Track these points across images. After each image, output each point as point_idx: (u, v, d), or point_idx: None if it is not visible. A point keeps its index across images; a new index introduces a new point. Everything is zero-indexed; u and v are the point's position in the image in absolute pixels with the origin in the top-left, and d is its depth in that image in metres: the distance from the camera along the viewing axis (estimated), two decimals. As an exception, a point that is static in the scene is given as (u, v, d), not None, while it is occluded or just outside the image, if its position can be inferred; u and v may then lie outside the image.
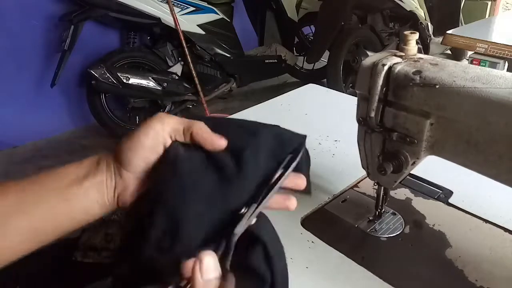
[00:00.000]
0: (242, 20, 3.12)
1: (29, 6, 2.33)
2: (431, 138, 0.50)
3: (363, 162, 0.61)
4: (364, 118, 0.54)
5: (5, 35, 2.31)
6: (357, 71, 0.53)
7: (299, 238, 0.62)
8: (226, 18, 2.70)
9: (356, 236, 0.63)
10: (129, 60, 2.42)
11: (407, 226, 0.64)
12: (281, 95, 1.17)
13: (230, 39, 2.72)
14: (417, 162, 0.53)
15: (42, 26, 2.41)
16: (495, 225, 0.63)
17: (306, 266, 0.57)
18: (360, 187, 0.74)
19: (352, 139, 0.60)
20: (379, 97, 0.51)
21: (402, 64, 0.50)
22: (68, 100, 2.67)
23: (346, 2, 2.74)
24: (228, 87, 2.75)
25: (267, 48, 3.05)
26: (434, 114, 0.48)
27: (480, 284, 0.53)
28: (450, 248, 0.59)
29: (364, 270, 0.56)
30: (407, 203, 0.69)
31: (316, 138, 0.90)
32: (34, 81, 2.50)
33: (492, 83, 0.44)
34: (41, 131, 2.59)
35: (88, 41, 2.47)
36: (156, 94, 2.44)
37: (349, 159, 0.80)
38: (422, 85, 0.47)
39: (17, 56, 2.39)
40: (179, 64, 2.55)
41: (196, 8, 2.54)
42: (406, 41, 0.51)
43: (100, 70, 2.24)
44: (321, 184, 0.74)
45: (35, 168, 2.29)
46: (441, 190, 0.72)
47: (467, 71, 0.46)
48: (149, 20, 2.36)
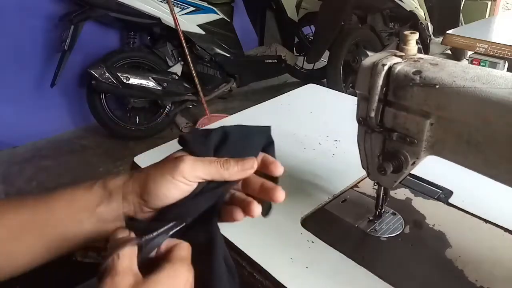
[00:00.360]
0: (242, 20, 3.12)
1: (29, 6, 2.33)
2: (431, 138, 0.50)
3: (363, 162, 0.61)
4: (364, 118, 0.54)
5: (5, 35, 2.31)
6: (357, 71, 0.53)
7: (299, 238, 0.62)
8: (226, 18, 2.70)
9: (356, 236, 0.63)
10: (129, 60, 2.42)
11: (407, 226, 0.64)
12: (281, 95, 1.17)
13: (230, 39, 2.72)
14: (417, 162, 0.53)
15: (42, 26, 2.41)
16: (495, 225, 0.63)
17: (306, 266, 0.57)
18: (360, 187, 0.74)
19: (352, 139, 0.60)
20: (379, 97, 0.51)
21: (402, 64, 0.50)
22: (68, 100, 2.67)
23: (346, 2, 2.74)
24: (228, 87, 2.75)
25: (267, 48, 3.05)
26: (434, 114, 0.48)
27: (480, 284, 0.53)
28: (450, 248, 0.59)
29: (364, 270, 0.56)
30: (407, 203, 0.69)
31: (316, 138, 0.90)
32: (34, 81, 2.50)
33: (492, 83, 0.43)
34: (41, 131, 2.59)
35: (88, 41, 2.47)
36: (156, 94, 2.44)
37: (349, 159, 0.80)
38: (422, 85, 0.47)
39: (17, 56, 2.39)
40: (179, 64, 2.55)
41: (196, 8, 2.54)
42: (406, 41, 0.51)
43: (100, 70, 2.24)
44: (321, 184, 0.74)
45: (35, 168, 2.29)
46: (441, 190, 0.72)
47: (467, 71, 0.46)
48: (149, 20, 2.36)
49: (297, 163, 0.80)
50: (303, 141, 0.87)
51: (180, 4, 2.46)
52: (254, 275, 0.56)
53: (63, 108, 2.68)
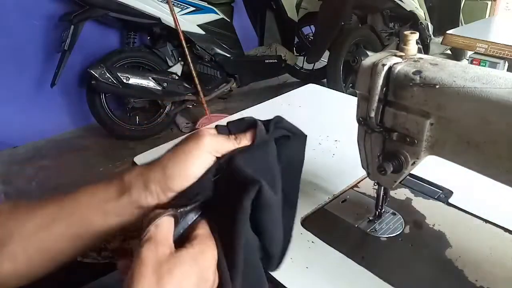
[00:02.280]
0: (242, 20, 3.12)
1: (29, 6, 2.33)
2: (431, 138, 0.50)
3: (363, 162, 0.61)
4: (364, 118, 0.54)
5: (5, 35, 2.31)
6: (357, 71, 0.53)
7: (299, 238, 0.62)
8: (226, 18, 2.70)
9: (356, 236, 0.63)
10: (129, 60, 2.42)
11: (407, 226, 0.64)
12: (281, 95, 1.17)
13: (230, 39, 2.72)
14: (417, 162, 0.53)
15: (42, 26, 2.41)
16: (495, 225, 0.63)
17: (306, 266, 0.57)
18: (360, 187, 0.74)
19: (352, 139, 0.60)
20: (379, 97, 0.51)
21: (402, 64, 0.50)
22: (68, 100, 2.67)
23: (346, 2, 2.74)
24: (228, 87, 2.75)
25: (267, 48, 3.05)
26: (434, 114, 0.48)
27: (480, 284, 0.53)
28: (450, 248, 0.59)
29: (364, 270, 0.56)
30: (407, 203, 0.69)
31: (316, 138, 0.90)
32: (34, 81, 2.50)
33: (492, 83, 0.43)
34: (41, 131, 2.59)
35: (88, 41, 2.47)
36: (156, 94, 2.44)
37: (349, 159, 0.80)
38: (422, 85, 0.47)
39: (17, 56, 2.39)
40: (179, 64, 2.55)
41: (196, 8, 2.54)
42: (406, 41, 0.51)
43: (100, 70, 2.24)
44: (321, 184, 0.74)
45: (35, 168, 2.29)
46: (441, 190, 0.72)
47: (467, 71, 0.46)
48: (149, 20, 2.36)
49: (297, 163, 0.80)
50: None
51: (180, 4, 2.46)
52: (254, 275, 0.56)
53: (63, 108, 2.68)
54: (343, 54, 2.75)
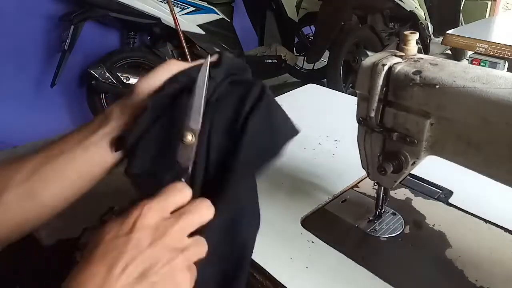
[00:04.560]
0: (242, 20, 3.11)
1: (29, 6, 2.33)
2: (431, 138, 0.50)
3: (363, 162, 0.61)
4: (364, 118, 0.54)
5: (5, 35, 2.30)
6: (357, 71, 0.53)
7: (299, 238, 0.62)
8: (226, 18, 2.70)
9: (356, 236, 0.63)
10: (129, 60, 2.42)
11: (407, 226, 0.64)
12: (281, 95, 1.17)
13: (230, 39, 2.72)
14: (417, 162, 0.53)
15: (42, 26, 2.40)
16: (495, 225, 0.63)
17: (306, 266, 0.57)
18: (360, 187, 0.74)
19: (352, 139, 0.60)
20: (379, 97, 0.51)
21: (402, 64, 0.50)
22: (68, 100, 2.67)
23: (346, 2, 2.74)
24: (228, 87, 2.75)
25: (267, 48, 3.05)
26: (434, 114, 0.48)
27: (480, 284, 0.53)
28: (450, 248, 0.59)
29: (364, 270, 0.56)
30: (407, 203, 0.69)
31: (316, 138, 0.90)
32: (34, 81, 2.50)
33: (492, 83, 0.43)
34: (41, 131, 2.58)
35: (88, 41, 2.46)
36: (156, 94, 2.44)
37: (349, 159, 0.80)
38: (422, 85, 0.47)
39: (17, 56, 2.39)
40: (179, 64, 2.55)
41: (196, 8, 2.54)
42: (406, 41, 0.51)
43: (100, 70, 2.24)
44: (321, 184, 0.74)
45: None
46: (441, 190, 0.72)
47: (467, 71, 0.46)
48: (149, 20, 2.36)
49: (297, 163, 0.80)
50: (303, 141, 0.87)
51: (180, 4, 2.46)
52: (254, 275, 0.56)
53: (63, 108, 2.67)
54: (343, 54, 2.75)
